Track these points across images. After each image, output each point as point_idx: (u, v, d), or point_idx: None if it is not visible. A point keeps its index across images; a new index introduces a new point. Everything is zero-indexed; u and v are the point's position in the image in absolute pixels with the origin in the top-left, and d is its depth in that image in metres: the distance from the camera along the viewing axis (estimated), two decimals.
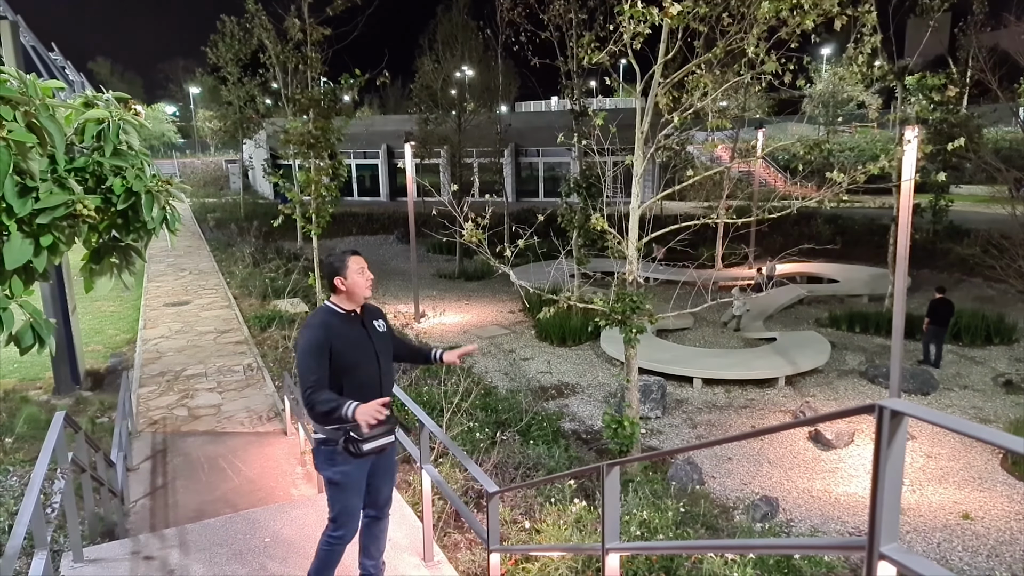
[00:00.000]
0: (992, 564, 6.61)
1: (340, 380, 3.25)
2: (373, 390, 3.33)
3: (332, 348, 3.21)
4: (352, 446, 3.25)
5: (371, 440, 3.30)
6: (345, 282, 3.31)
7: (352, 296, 3.34)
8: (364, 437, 3.25)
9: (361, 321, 3.39)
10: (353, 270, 3.32)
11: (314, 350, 3.21)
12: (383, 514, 3.63)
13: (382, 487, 3.57)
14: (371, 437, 3.29)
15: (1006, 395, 10.72)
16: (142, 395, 8.79)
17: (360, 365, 3.31)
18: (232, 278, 16.33)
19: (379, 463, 3.49)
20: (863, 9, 7.24)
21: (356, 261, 3.34)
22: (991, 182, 13.34)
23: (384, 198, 37.73)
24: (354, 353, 3.29)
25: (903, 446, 1.61)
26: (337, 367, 3.23)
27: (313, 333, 3.26)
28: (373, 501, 3.56)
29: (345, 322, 3.34)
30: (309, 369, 3.19)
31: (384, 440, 3.36)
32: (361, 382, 3.30)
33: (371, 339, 3.38)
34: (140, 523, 5.46)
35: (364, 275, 3.34)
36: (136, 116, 2.66)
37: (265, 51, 20.28)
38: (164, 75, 63.79)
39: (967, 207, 23.45)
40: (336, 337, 3.25)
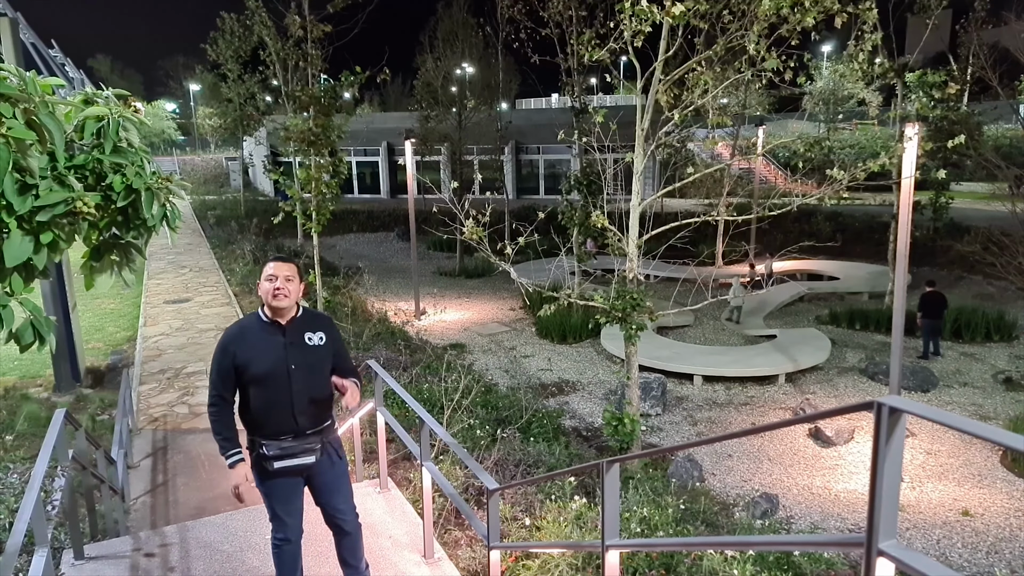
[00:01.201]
0: (991, 561, 6.62)
1: (247, 392, 3.13)
2: (282, 407, 3.13)
3: (237, 357, 3.08)
4: (264, 462, 3.16)
5: (282, 459, 3.15)
6: (259, 287, 3.18)
7: (266, 303, 3.16)
8: (274, 455, 3.14)
9: (283, 331, 3.17)
10: (264, 276, 3.16)
11: (217, 356, 3.14)
12: (343, 530, 3.42)
13: (331, 505, 3.36)
14: (282, 455, 3.14)
15: (1006, 392, 10.73)
16: (142, 392, 8.80)
17: (268, 379, 3.10)
18: (232, 275, 16.34)
19: (317, 482, 3.30)
20: (864, 6, 7.21)
21: (271, 267, 3.15)
22: (991, 179, 13.35)
23: (385, 195, 37.72)
24: (260, 365, 3.09)
25: (902, 443, 1.61)
26: (243, 379, 3.11)
27: (223, 338, 3.17)
28: (328, 519, 3.41)
29: (262, 331, 3.16)
30: (211, 376, 3.14)
31: (300, 460, 3.18)
32: (270, 398, 3.12)
33: (285, 351, 3.13)
34: (141, 520, 5.46)
35: (272, 283, 3.11)
36: (136, 113, 2.65)
37: (265, 48, 20.25)
38: (164, 72, 63.64)
39: (967, 204, 23.45)
40: (244, 346, 3.11)
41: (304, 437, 3.17)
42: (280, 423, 3.14)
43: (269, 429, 3.14)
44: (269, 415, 3.13)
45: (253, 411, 3.14)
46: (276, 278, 3.11)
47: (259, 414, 3.14)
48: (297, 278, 3.19)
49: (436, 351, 12.02)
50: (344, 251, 24.90)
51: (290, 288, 3.14)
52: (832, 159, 16.51)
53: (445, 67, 21.97)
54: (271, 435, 3.15)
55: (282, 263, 3.18)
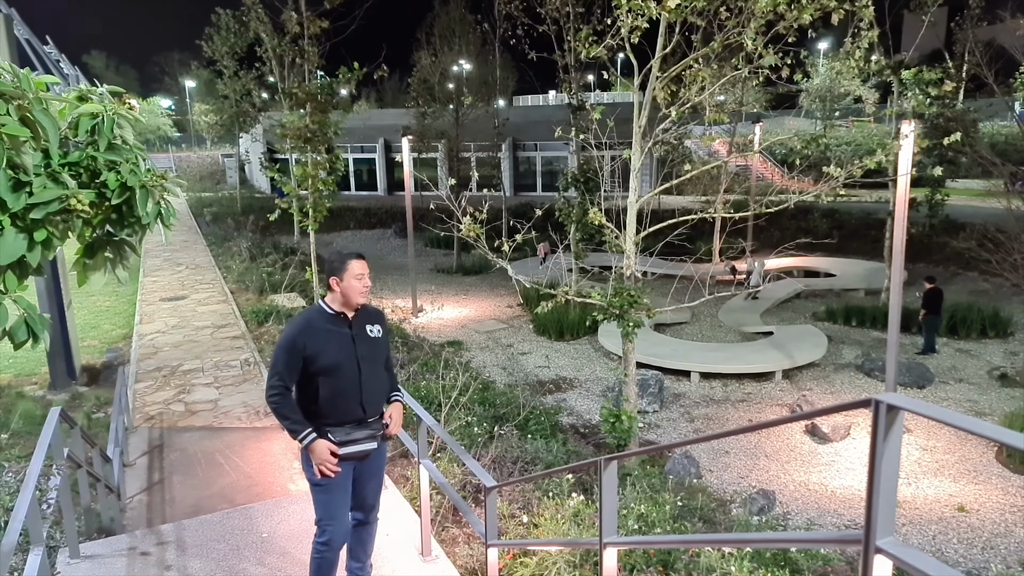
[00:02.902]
0: (987, 556, 6.65)
1: (316, 383, 3.19)
2: (352, 397, 3.25)
3: (307, 349, 3.14)
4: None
5: (349, 445, 3.25)
6: (340, 284, 3.23)
7: (344, 300, 3.26)
8: (341, 441, 3.22)
9: (349, 323, 3.29)
10: (351, 274, 3.23)
11: (287, 348, 3.16)
12: (369, 519, 3.57)
13: (367, 491, 3.50)
14: (349, 441, 3.24)
15: (1001, 388, 10.76)
16: (138, 390, 8.78)
17: (339, 369, 3.20)
18: (229, 273, 16.29)
19: (364, 467, 3.42)
20: (860, 3, 7.22)
21: (358, 265, 3.25)
22: (987, 176, 13.36)
23: (382, 192, 37.65)
24: (333, 356, 3.19)
25: (899, 440, 1.61)
26: (313, 370, 3.17)
27: (291, 330, 3.21)
28: (359, 504, 3.50)
29: (330, 323, 3.25)
30: (277, 367, 3.17)
31: (364, 446, 3.31)
32: (339, 387, 3.21)
33: (354, 343, 3.27)
34: (137, 519, 5.45)
35: (361, 281, 3.24)
36: (131, 110, 2.63)
37: (261, 44, 20.19)
38: (159, 69, 63.36)
39: (963, 201, 23.49)
40: (315, 338, 3.17)
41: (367, 424, 3.29)
42: (347, 411, 3.24)
43: (335, 418, 3.22)
44: (337, 404, 3.21)
45: (321, 400, 3.19)
46: (364, 276, 3.24)
47: (327, 403, 3.20)
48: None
49: (433, 348, 12.01)
50: (341, 248, 24.84)
51: (370, 284, 3.31)
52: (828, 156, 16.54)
53: (442, 63, 21.94)
54: (337, 422, 3.23)
55: (364, 261, 3.30)
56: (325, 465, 3.17)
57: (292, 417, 3.16)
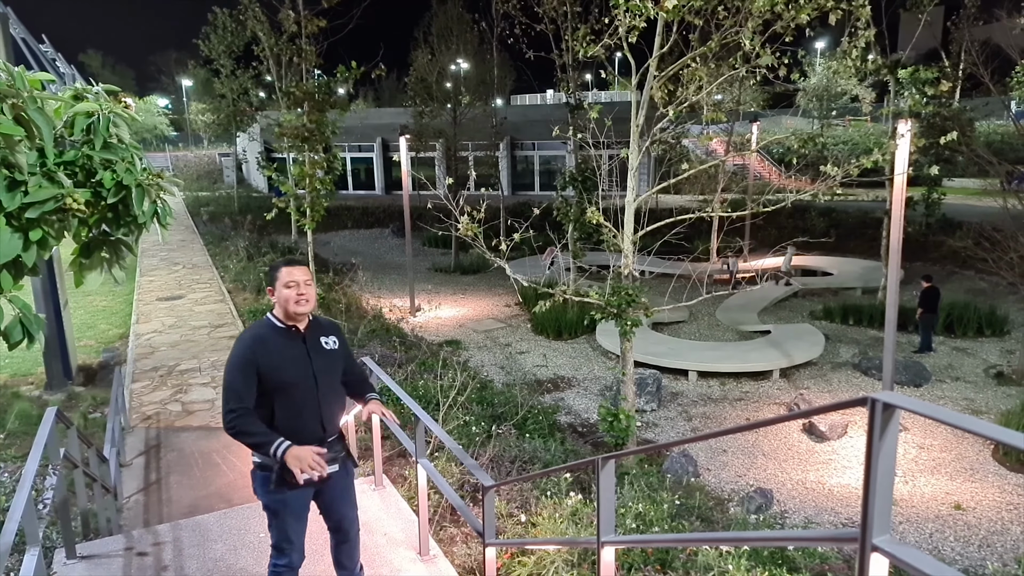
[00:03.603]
0: (984, 554, 6.67)
1: (272, 402, 2.97)
2: (311, 414, 3.05)
3: (260, 366, 2.93)
4: (287, 474, 2.94)
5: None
6: (274, 294, 3.04)
7: (283, 310, 3.05)
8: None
9: (303, 337, 3.08)
10: (281, 282, 3.01)
11: (239, 367, 2.92)
12: (349, 537, 3.39)
13: (340, 515, 3.30)
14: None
15: (997, 386, 10.79)
16: (135, 390, 8.76)
17: (295, 386, 3.00)
18: (226, 272, 16.27)
19: (328, 492, 3.20)
20: (857, 3, 7.23)
21: (287, 273, 3.02)
22: (983, 175, 13.42)
23: (379, 191, 37.62)
24: (288, 372, 2.99)
25: (895, 438, 1.61)
26: (268, 387, 2.95)
27: (241, 348, 2.97)
28: (336, 527, 3.33)
29: (281, 337, 3.04)
30: (233, 389, 2.90)
31: (327, 469, 3.03)
32: (295, 406, 3.01)
33: (310, 357, 3.06)
34: (133, 519, 5.44)
35: (293, 290, 2.99)
36: (126, 109, 2.63)
37: (259, 43, 20.13)
38: (156, 67, 63.36)
39: (959, 200, 23.55)
40: (267, 353, 2.96)
41: (328, 445, 3.09)
42: (307, 432, 3.02)
43: (294, 440, 2.95)
44: (295, 424, 2.99)
45: (277, 421, 2.97)
46: (297, 283, 3.00)
47: (284, 424, 2.98)
48: (313, 280, 3.10)
49: (431, 348, 12.01)
50: (339, 247, 24.83)
51: (310, 292, 3.04)
52: (826, 155, 16.58)
53: (440, 62, 21.90)
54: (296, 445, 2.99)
55: (296, 267, 3.05)
56: (312, 463, 2.86)
57: (256, 431, 2.89)
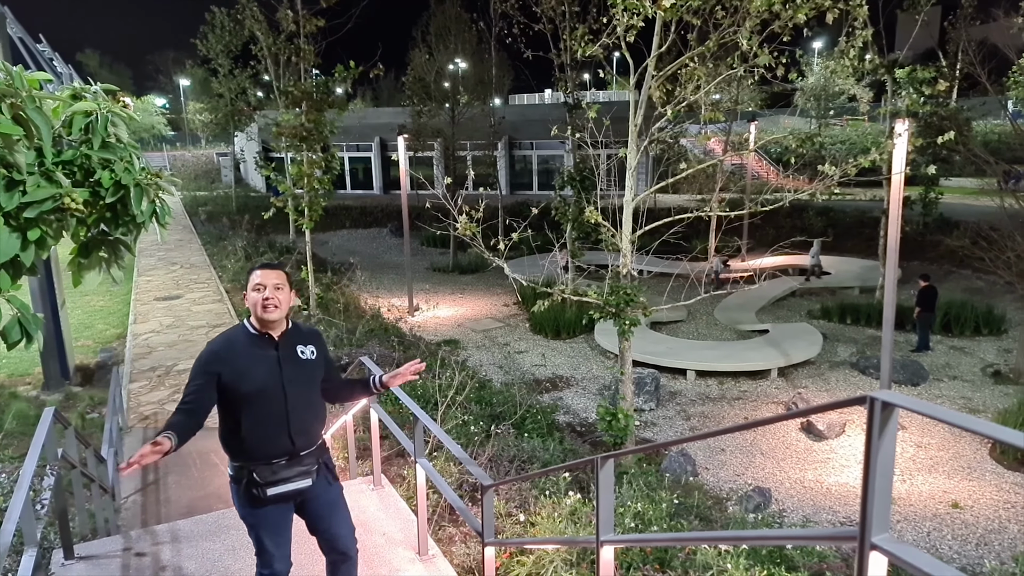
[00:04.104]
0: (981, 553, 6.68)
1: (238, 411, 2.83)
2: (279, 428, 2.88)
3: (222, 374, 2.80)
4: (255, 489, 2.85)
5: (278, 484, 2.88)
6: (245, 298, 2.92)
7: (254, 315, 2.91)
8: (267, 480, 2.86)
9: (275, 345, 2.93)
10: (250, 286, 2.89)
11: (198, 372, 2.82)
12: (347, 557, 3.17)
13: (332, 533, 3.11)
14: (276, 481, 2.88)
15: (994, 385, 10.82)
16: (133, 390, 8.74)
17: (260, 395, 2.84)
18: (224, 272, 16.24)
19: (311, 506, 3.05)
20: (855, 3, 7.24)
21: (259, 276, 2.89)
22: (980, 175, 13.44)
23: (377, 191, 37.60)
24: (253, 381, 2.83)
25: (894, 437, 1.61)
26: (231, 396, 2.81)
27: (205, 354, 2.86)
28: (331, 547, 3.14)
29: (252, 344, 2.90)
30: (188, 389, 2.81)
31: (295, 485, 2.92)
32: (261, 418, 2.85)
33: (280, 365, 2.90)
34: (131, 519, 5.43)
35: (259, 294, 2.85)
36: (125, 108, 2.62)
37: (256, 43, 20.12)
38: (154, 67, 63.18)
39: (956, 199, 23.59)
40: (232, 361, 2.83)
41: (299, 459, 2.93)
42: (274, 445, 2.89)
43: (261, 452, 2.86)
44: (262, 437, 2.86)
45: (244, 433, 2.83)
46: (264, 287, 2.85)
47: (251, 436, 2.85)
48: (287, 286, 2.93)
49: (430, 347, 12.01)
50: (337, 247, 24.81)
51: (280, 297, 2.87)
52: (823, 155, 16.61)
53: (438, 62, 21.90)
54: (263, 458, 2.87)
55: (269, 270, 2.92)
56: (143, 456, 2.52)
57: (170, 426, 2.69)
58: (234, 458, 2.93)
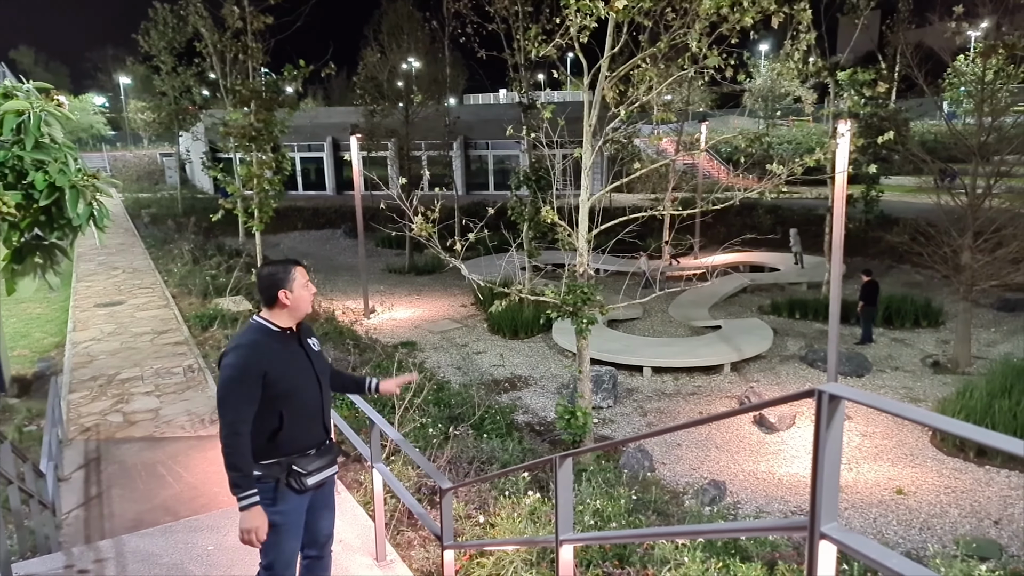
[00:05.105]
0: (924, 537, 6.97)
1: (279, 409, 2.85)
2: (315, 419, 3.02)
3: (269, 374, 2.81)
4: (295, 481, 2.89)
5: (315, 473, 2.99)
6: (290, 296, 2.94)
7: (294, 312, 2.98)
8: (309, 470, 2.95)
9: (298, 339, 3.03)
10: (299, 283, 2.97)
11: (244, 378, 2.77)
12: (324, 552, 3.25)
13: (321, 524, 3.20)
14: (316, 470, 2.99)
15: (934, 375, 11.30)
16: (73, 401, 8.39)
17: (301, 390, 2.94)
18: (170, 276, 15.72)
19: (319, 497, 3.13)
20: (798, 7, 7.46)
21: (303, 273, 3.01)
22: (917, 173, 13.99)
23: (330, 192, 37.03)
24: (294, 377, 2.92)
25: (841, 428, 1.66)
26: (274, 395, 2.83)
27: (245, 357, 2.81)
28: (313, 540, 3.18)
29: (281, 341, 2.95)
30: (234, 402, 2.77)
31: (328, 472, 3.07)
32: (302, 410, 2.94)
33: (311, 358, 3.03)
34: (73, 535, 5.21)
35: (309, 289, 3.02)
36: (59, 107, 2.52)
37: (201, 40, 19.56)
38: (92, 64, 60.92)
39: (896, 197, 24.55)
40: (272, 360, 2.85)
41: (329, 447, 3.09)
42: (312, 436, 3.00)
43: (300, 444, 2.94)
44: (303, 429, 2.95)
45: (286, 429, 2.88)
46: (310, 283, 3.05)
47: (292, 430, 2.90)
48: None
49: (386, 350, 11.87)
50: (289, 249, 24.32)
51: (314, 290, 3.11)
52: (771, 154, 17.10)
53: (391, 61, 21.68)
54: (301, 450, 2.95)
55: (305, 268, 3.08)
56: (255, 535, 2.76)
57: (244, 470, 2.75)
58: (266, 457, 2.89)
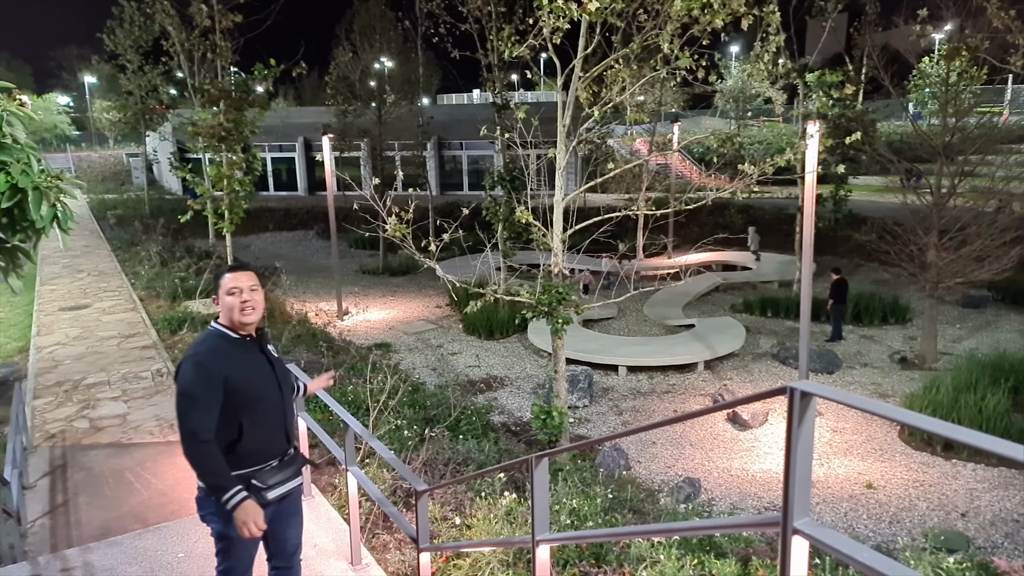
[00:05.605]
0: (894, 530, 7.11)
1: (238, 419, 2.75)
2: (277, 429, 2.91)
3: (229, 380, 2.71)
4: (255, 496, 2.76)
5: (276, 487, 2.87)
6: (218, 303, 2.85)
7: (227, 320, 2.85)
8: (267, 484, 2.83)
9: (259, 347, 2.92)
10: (224, 289, 2.82)
11: (204, 383, 2.67)
12: (293, 562, 3.16)
13: (288, 535, 3.08)
14: (277, 483, 2.87)
15: (901, 371, 11.56)
16: (37, 407, 8.17)
17: (262, 399, 2.83)
18: (137, 279, 15.40)
19: (283, 508, 3.00)
20: (768, 9, 7.58)
21: (231, 279, 2.83)
22: (884, 173, 14.30)
23: (302, 192, 36.66)
24: (255, 385, 2.81)
25: (812, 425, 1.69)
26: (236, 403, 2.73)
27: (201, 364, 2.71)
28: (279, 551, 3.08)
29: (239, 348, 2.84)
30: (193, 410, 2.65)
31: (291, 484, 2.96)
32: (263, 420, 2.84)
33: (272, 365, 2.92)
34: (39, 544, 5.07)
35: (236, 297, 2.80)
36: (22, 107, 2.46)
37: (168, 38, 19.21)
38: (56, 63, 59.49)
39: (864, 197, 25.06)
40: (233, 367, 2.75)
41: (292, 458, 2.98)
42: (273, 447, 2.90)
43: (261, 456, 2.84)
44: (264, 440, 2.85)
45: (245, 439, 2.77)
46: (240, 290, 2.81)
47: (252, 441, 2.80)
48: (260, 286, 2.91)
49: (360, 351, 11.77)
50: (260, 250, 23.99)
51: (256, 299, 2.85)
52: (743, 155, 17.35)
53: (363, 61, 21.52)
54: (261, 462, 2.85)
55: (240, 272, 2.87)
56: (253, 525, 2.67)
57: (221, 470, 2.67)
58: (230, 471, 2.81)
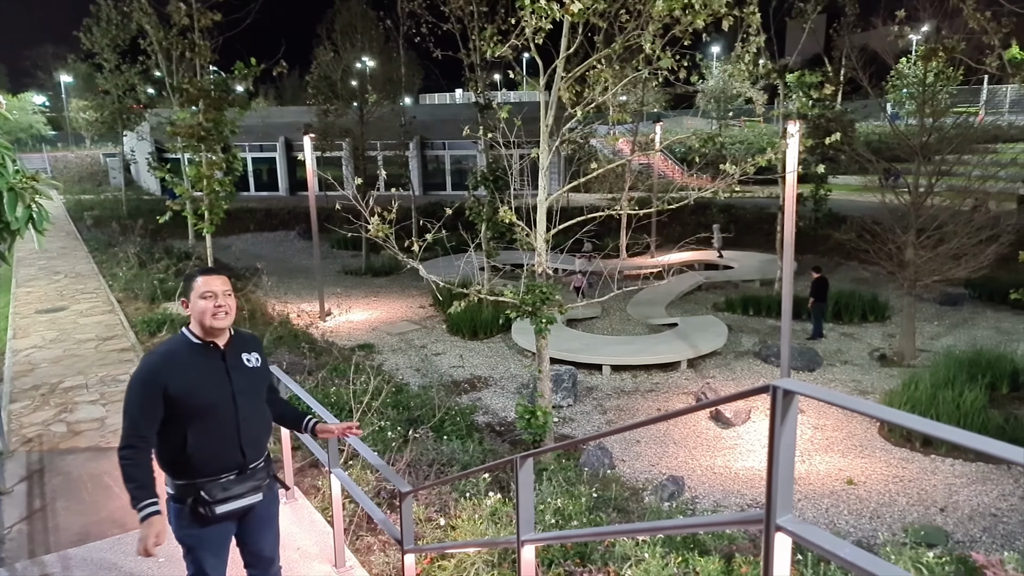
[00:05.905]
0: (875, 526, 7.20)
1: (184, 427, 2.69)
2: (229, 442, 2.78)
3: (170, 388, 2.65)
4: (204, 508, 2.73)
5: (230, 501, 2.79)
6: (188, 306, 2.79)
7: (198, 325, 2.78)
8: (217, 498, 2.76)
9: (222, 354, 2.82)
10: (196, 293, 2.75)
11: (142, 390, 2.65)
12: (269, 572, 3.13)
13: (261, 547, 3.03)
14: (227, 498, 2.78)
15: (881, 368, 11.70)
16: (13, 411, 8.01)
17: (212, 409, 2.73)
18: (115, 280, 15.16)
19: (251, 521, 2.95)
20: (748, 11, 7.63)
21: (204, 282, 2.76)
22: (863, 173, 14.50)
23: (283, 192, 36.37)
24: (204, 394, 2.72)
25: (795, 422, 1.69)
26: (179, 411, 2.67)
27: (146, 368, 2.69)
28: (255, 560, 3.05)
29: (197, 355, 2.77)
30: (130, 415, 2.64)
31: (247, 500, 2.86)
32: (213, 431, 2.74)
33: (229, 375, 2.80)
34: (16, 550, 4.97)
35: (210, 301, 2.73)
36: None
37: (146, 37, 18.95)
38: (32, 62, 58.47)
39: (843, 196, 25.35)
40: (178, 374, 2.68)
41: (250, 472, 2.86)
42: (225, 460, 2.79)
43: (211, 468, 2.75)
44: (212, 452, 2.75)
45: (191, 449, 2.70)
46: (214, 295, 2.74)
47: (200, 452, 2.72)
48: (233, 290, 2.86)
49: (343, 353, 11.68)
50: (241, 251, 23.74)
51: (230, 303, 2.78)
52: (724, 154, 17.51)
53: (344, 60, 21.37)
54: (212, 475, 2.76)
55: (213, 276, 2.80)
56: (150, 542, 2.52)
57: (140, 480, 2.59)
58: (177, 477, 2.78)
